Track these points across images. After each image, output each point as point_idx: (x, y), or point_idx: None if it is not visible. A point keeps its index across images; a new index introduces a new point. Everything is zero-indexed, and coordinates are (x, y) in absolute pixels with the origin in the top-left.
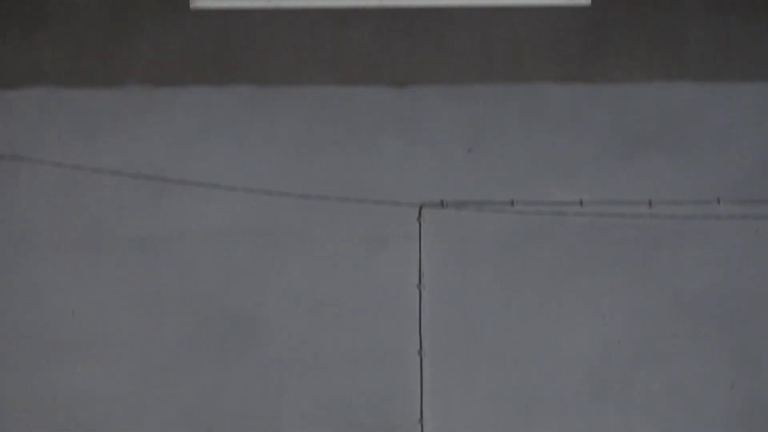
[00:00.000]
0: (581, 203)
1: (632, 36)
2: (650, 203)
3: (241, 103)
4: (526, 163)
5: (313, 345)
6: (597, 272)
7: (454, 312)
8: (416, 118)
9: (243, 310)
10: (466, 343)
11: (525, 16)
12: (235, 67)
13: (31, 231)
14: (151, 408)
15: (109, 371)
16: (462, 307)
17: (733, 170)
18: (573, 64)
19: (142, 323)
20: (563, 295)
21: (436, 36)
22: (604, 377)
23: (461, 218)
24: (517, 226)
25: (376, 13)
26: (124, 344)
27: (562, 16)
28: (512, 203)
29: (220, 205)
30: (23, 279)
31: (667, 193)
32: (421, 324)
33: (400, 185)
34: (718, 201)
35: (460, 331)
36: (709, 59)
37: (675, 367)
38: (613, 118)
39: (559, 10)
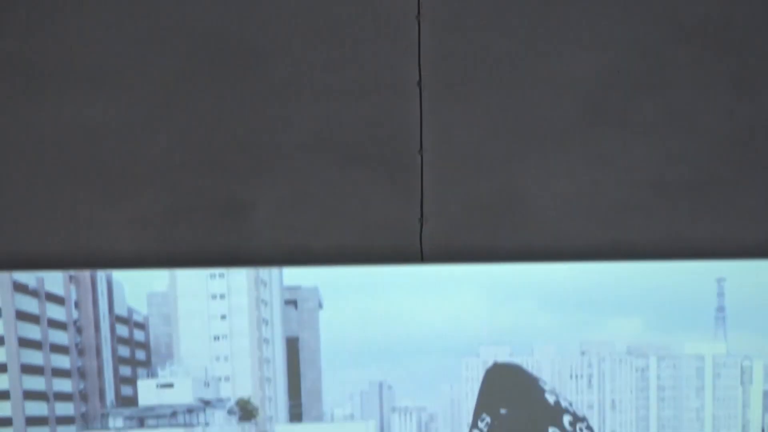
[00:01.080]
0: None
1: None
2: None
3: None
4: None
5: (311, 76)
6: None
7: (453, 43)
8: None
9: (241, 39)
10: (465, 74)
11: None
12: None
13: None
14: (150, 138)
15: (107, 102)
16: (461, 38)
17: None
18: None
19: (139, 53)
20: (563, 23)
21: None
22: (604, 105)
23: None
24: None
25: None
26: (121, 74)
27: None
28: None
29: None
30: (15, 13)
31: None
32: (420, 55)
33: None
34: None
35: (460, 62)
36: None
37: (675, 94)
38: None
39: None
